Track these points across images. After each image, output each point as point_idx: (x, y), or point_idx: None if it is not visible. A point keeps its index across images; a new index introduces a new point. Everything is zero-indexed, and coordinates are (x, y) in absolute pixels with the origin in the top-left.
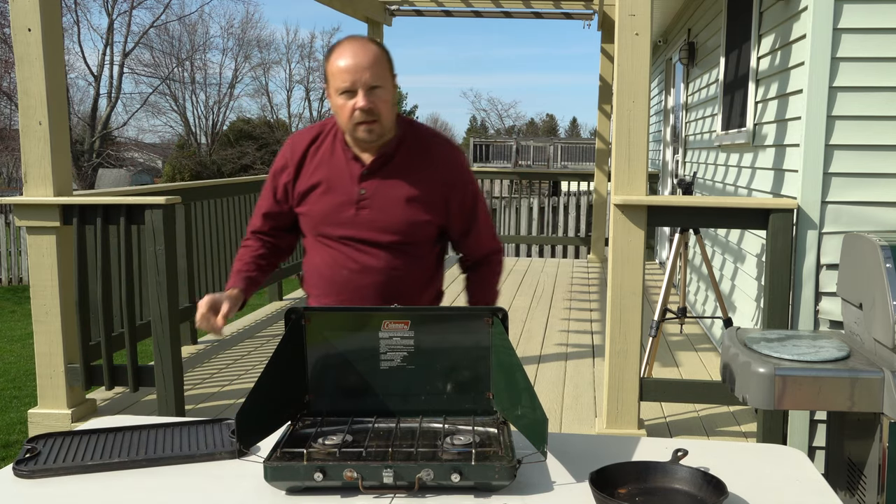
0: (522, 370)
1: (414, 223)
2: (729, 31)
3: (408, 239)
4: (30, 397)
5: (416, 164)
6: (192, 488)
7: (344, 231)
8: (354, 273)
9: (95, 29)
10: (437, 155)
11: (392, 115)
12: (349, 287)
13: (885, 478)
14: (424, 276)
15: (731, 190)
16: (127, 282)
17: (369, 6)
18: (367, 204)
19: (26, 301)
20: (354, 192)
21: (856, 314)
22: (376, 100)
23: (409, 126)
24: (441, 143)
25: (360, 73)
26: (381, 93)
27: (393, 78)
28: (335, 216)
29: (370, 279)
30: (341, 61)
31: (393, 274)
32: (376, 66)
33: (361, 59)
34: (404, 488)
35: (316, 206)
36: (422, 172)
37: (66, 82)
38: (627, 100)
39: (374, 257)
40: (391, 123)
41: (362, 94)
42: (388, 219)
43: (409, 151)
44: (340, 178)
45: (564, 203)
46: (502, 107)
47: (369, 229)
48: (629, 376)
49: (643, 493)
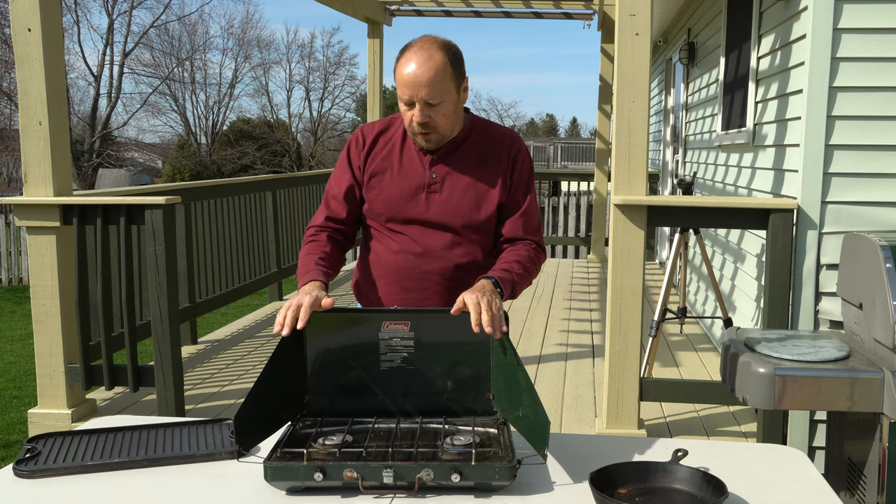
0: (524, 370)
1: (481, 209)
2: (729, 31)
3: (476, 226)
4: (30, 397)
5: (482, 151)
6: (192, 488)
7: (414, 214)
8: (420, 257)
9: (95, 29)
10: (501, 142)
11: (454, 121)
12: (414, 274)
13: (885, 478)
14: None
15: (731, 190)
16: (127, 282)
17: (369, 6)
18: (438, 188)
19: (26, 301)
20: (426, 177)
21: (856, 314)
22: (434, 114)
23: (477, 121)
24: (504, 133)
25: (419, 90)
26: (441, 107)
27: (458, 85)
28: (406, 200)
29: (436, 265)
30: (405, 70)
31: (457, 259)
32: (436, 83)
33: (421, 75)
34: (404, 488)
35: (382, 191)
36: (488, 160)
37: (66, 82)
38: (627, 100)
39: (441, 241)
40: (452, 129)
41: (419, 109)
42: (457, 202)
43: (476, 140)
44: (411, 163)
45: (564, 203)
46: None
47: (440, 213)
48: (629, 376)
49: (643, 493)
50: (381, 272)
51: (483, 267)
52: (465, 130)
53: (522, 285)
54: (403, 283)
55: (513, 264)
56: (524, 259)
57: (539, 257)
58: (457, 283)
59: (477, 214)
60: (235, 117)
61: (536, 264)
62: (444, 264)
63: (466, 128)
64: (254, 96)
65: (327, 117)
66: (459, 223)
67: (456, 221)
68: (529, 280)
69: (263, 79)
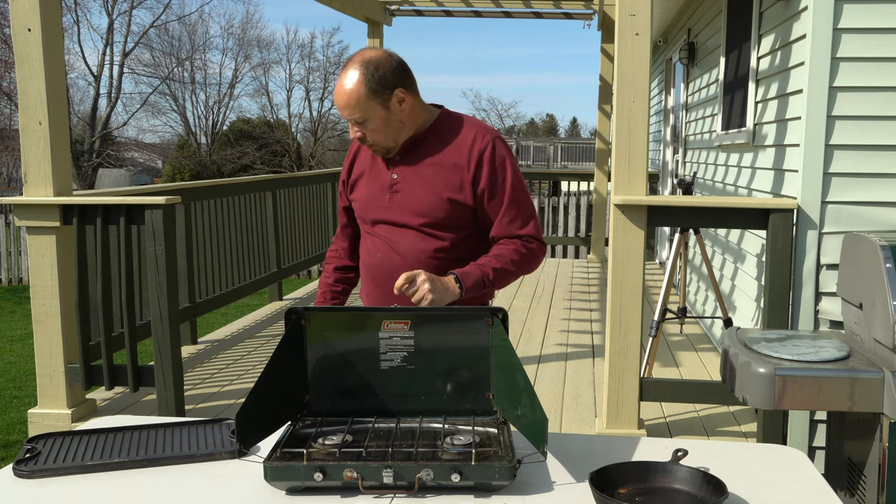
0: (522, 370)
1: (440, 206)
2: (729, 31)
3: (438, 222)
4: (30, 397)
5: (444, 148)
6: (192, 488)
7: (380, 215)
8: (387, 256)
9: (95, 29)
10: (463, 138)
11: (394, 130)
12: (383, 272)
13: (885, 478)
14: (461, 262)
15: (731, 190)
16: (127, 282)
17: (369, 6)
18: (399, 188)
19: (26, 301)
20: (388, 178)
21: (856, 314)
22: (366, 130)
23: (446, 117)
24: (469, 129)
25: (343, 111)
26: (367, 124)
27: (384, 101)
28: (374, 202)
29: (401, 261)
30: (334, 91)
31: (422, 257)
32: (353, 104)
33: (340, 98)
34: (404, 488)
35: (360, 195)
36: (446, 155)
37: (66, 82)
38: (627, 100)
39: (405, 238)
40: (397, 135)
41: (351, 127)
42: (417, 201)
43: (438, 137)
44: (378, 167)
45: (564, 203)
46: (502, 107)
47: (401, 212)
48: (629, 376)
49: (643, 493)
50: (363, 272)
51: (456, 261)
52: (425, 130)
53: (501, 279)
54: (377, 281)
55: (490, 259)
56: (505, 253)
57: (530, 250)
58: None
59: (436, 212)
60: (235, 117)
61: (526, 258)
62: (410, 260)
63: (429, 127)
64: (254, 96)
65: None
66: (420, 221)
67: (416, 220)
68: (513, 273)
69: (263, 79)
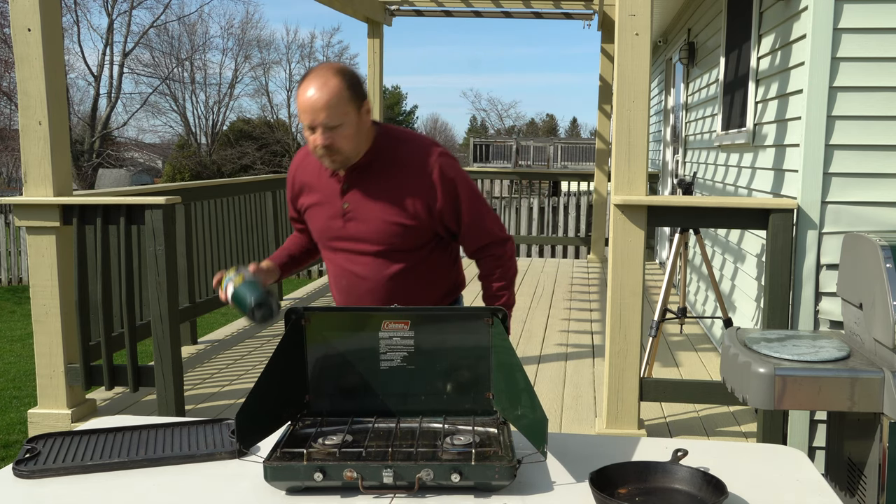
0: (522, 370)
1: (396, 231)
2: (729, 31)
3: (395, 247)
4: (30, 397)
5: (391, 172)
6: (192, 488)
7: (338, 243)
8: (351, 282)
9: (95, 29)
10: (410, 161)
11: (357, 143)
12: (353, 294)
13: (885, 478)
14: (424, 279)
15: (731, 190)
16: (127, 282)
17: (369, 6)
18: (352, 216)
19: (26, 301)
20: (339, 207)
21: (856, 314)
22: (335, 136)
23: (384, 136)
24: (414, 149)
25: (317, 114)
26: (341, 129)
27: (358, 108)
28: (328, 230)
29: (366, 286)
30: (304, 95)
31: (386, 282)
32: (333, 106)
33: (318, 100)
34: (404, 488)
35: (313, 222)
36: (396, 180)
37: (66, 82)
38: (627, 100)
39: (366, 266)
40: (357, 149)
41: (320, 133)
42: (371, 230)
43: (385, 161)
44: (328, 194)
45: (564, 203)
46: (502, 107)
47: (356, 241)
48: (629, 376)
49: (643, 493)
50: (335, 288)
51: (420, 275)
52: (371, 152)
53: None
54: (349, 298)
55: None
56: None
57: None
58: (394, 295)
59: (391, 238)
60: (235, 117)
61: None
62: (374, 284)
63: (372, 148)
64: (254, 96)
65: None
66: (375, 249)
67: (375, 246)
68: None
69: (263, 79)
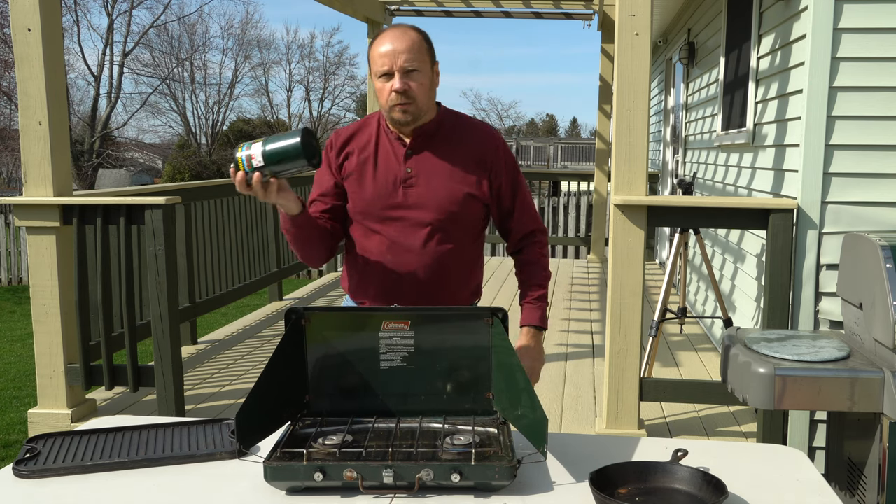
0: (522, 370)
1: (458, 199)
2: (729, 31)
3: (453, 217)
4: (30, 397)
5: (455, 143)
6: (192, 488)
7: (393, 212)
8: (402, 256)
9: (95, 29)
10: (475, 135)
11: (429, 98)
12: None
13: (885, 478)
14: (465, 269)
15: (731, 190)
16: (127, 282)
17: (369, 6)
18: (414, 182)
19: (26, 301)
20: (401, 172)
21: (856, 314)
22: (412, 82)
23: (448, 112)
24: (478, 125)
25: (397, 57)
26: (417, 76)
27: (432, 63)
28: (383, 197)
29: (416, 260)
30: (381, 47)
31: (436, 253)
32: (413, 50)
33: (399, 44)
34: (404, 488)
35: (363, 190)
36: (461, 150)
37: (66, 82)
38: (627, 100)
39: (420, 239)
40: (428, 106)
41: (398, 77)
42: (434, 196)
43: (449, 132)
44: (387, 160)
45: (564, 203)
46: (502, 107)
47: (416, 208)
48: (629, 376)
49: (643, 493)
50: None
51: (466, 258)
52: (436, 119)
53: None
54: (384, 281)
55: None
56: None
57: (546, 242)
58: (438, 275)
59: (455, 206)
60: (235, 117)
61: (547, 253)
62: (425, 260)
63: (438, 118)
64: (254, 96)
65: (327, 117)
66: (438, 216)
67: (434, 214)
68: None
69: (263, 79)
